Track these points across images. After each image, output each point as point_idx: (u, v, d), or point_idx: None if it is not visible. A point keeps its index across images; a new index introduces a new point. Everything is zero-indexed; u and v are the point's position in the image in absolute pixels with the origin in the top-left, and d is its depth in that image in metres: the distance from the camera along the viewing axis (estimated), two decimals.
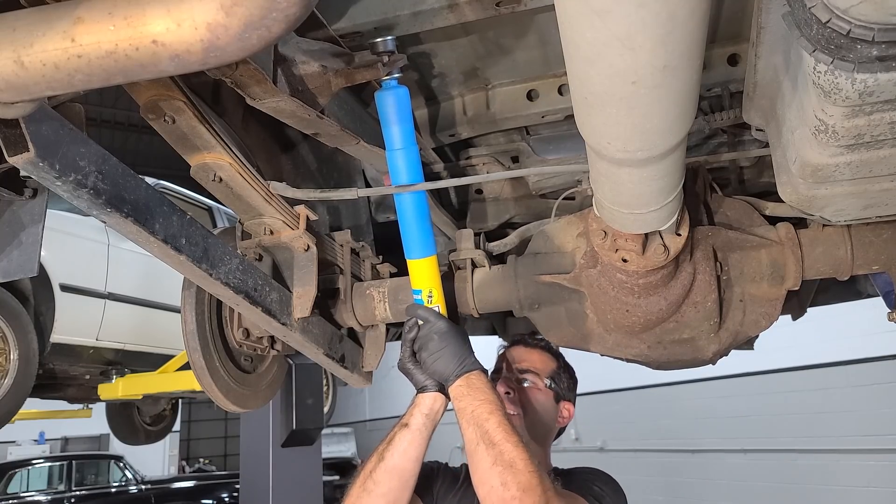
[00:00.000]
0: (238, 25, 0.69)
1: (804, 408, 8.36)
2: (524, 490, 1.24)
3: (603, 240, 1.39)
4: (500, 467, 1.28)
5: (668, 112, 0.87)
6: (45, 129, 0.92)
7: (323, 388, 5.64)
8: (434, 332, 1.45)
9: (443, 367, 1.43)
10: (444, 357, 1.43)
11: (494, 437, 1.31)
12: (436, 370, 1.44)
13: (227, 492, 9.07)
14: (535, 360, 1.73)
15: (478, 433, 1.33)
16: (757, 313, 1.60)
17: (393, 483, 1.41)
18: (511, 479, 1.26)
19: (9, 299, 4.06)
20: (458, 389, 1.40)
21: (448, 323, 1.48)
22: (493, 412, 1.34)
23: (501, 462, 1.28)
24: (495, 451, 1.29)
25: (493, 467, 1.28)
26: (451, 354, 1.42)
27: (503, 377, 1.69)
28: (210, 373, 1.62)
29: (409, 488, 1.44)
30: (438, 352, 1.43)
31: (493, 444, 1.30)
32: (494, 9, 1.27)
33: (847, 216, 1.28)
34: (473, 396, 1.37)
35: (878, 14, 0.69)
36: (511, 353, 1.76)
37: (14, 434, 12.75)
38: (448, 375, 1.42)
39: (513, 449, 1.29)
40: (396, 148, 1.46)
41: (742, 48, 1.53)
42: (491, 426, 1.32)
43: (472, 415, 1.35)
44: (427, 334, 1.46)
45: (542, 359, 1.74)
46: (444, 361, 1.43)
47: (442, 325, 1.46)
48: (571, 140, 1.91)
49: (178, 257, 1.22)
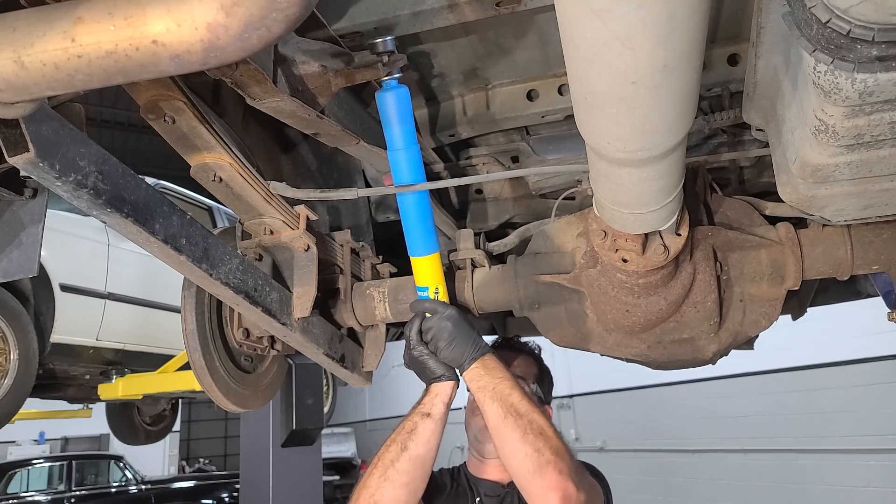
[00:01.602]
0: (238, 26, 0.69)
1: (804, 408, 8.37)
2: (558, 454, 1.32)
3: (603, 240, 1.39)
4: (531, 435, 1.34)
5: (668, 112, 0.87)
6: (45, 130, 0.92)
7: (323, 388, 5.65)
8: (447, 320, 1.49)
9: (459, 353, 1.47)
10: (459, 343, 1.47)
11: (521, 409, 1.37)
12: (452, 357, 1.48)
13: (227, 492, 9.07)
14: (521, 365, 1.77)
15: (503, 407, 1.38)
16: (757, 313, 1.60)
17: (416, 472, 1.44)
18: (544, 445, 1.33)
19: (9, 299, 4.06)
20: (475, 371, 1.45)
21: (458, 310, 1.52)
22: (514, 387, 1.41)
23: (532, 430, 1.35)
24: (524, 422, 1.36)
25: (525, 436, 1.35)
26: (465, 339, 1.47)
27: None
28: (210, 373, 1.62)
29: (427, 478, 1.48)
30: (454, 339, 1.47)
31: (520, 415, 1.36)
32: (494, 9, 1.27)
33: (847, 216, 1.28)
34: (492, 375, 1.43)
35: (877, 14, 0.69)
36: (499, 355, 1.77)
37: (14, 434, 12.74)
38: (464, 360, 1.46)
39: (540, 418, 1.37)
40: (398, 148, 1.46)
41: (742, 48, 1.54)
42: (515, 399, 1.39)
43: (493, 391, 1.41)
44: (440, 324, 1.49)
45: (527, 363, 1.79)
46: (460, 347, 1.47)
47: (453, 312, 1.50)
48: (571, 140, 1.91)
49: (178, 257, 1.22)
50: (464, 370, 1.46)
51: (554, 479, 1.30)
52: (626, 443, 10.51)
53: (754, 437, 8.87)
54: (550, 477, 1.30)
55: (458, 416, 1.69)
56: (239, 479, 5.74)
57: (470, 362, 1.45)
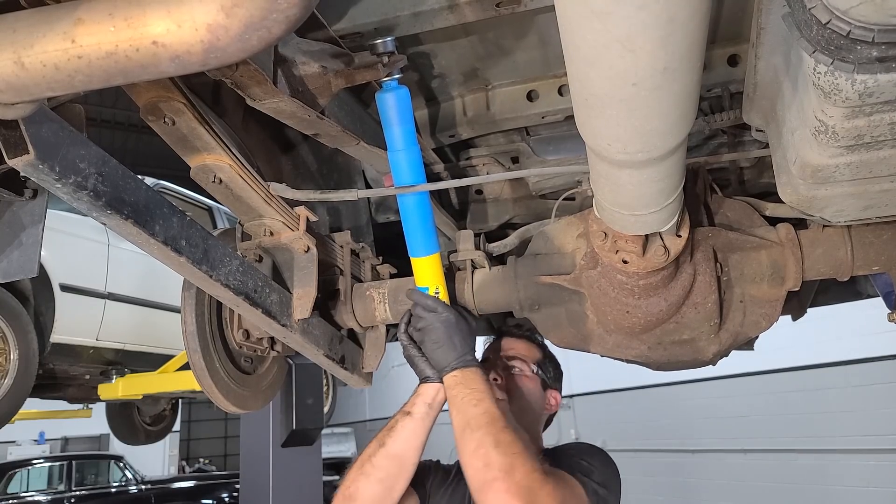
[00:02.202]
0: (238, 26, 0.69)
1: (804, 408, 8.37)
2: (506, 471, 1.27)
3: (603, 241, 1.39)
4: (483, 450, 1.31)
5: (669, 114, 0.87)
6: (45, 131, 0.92)
7: (323, 388, 5.65)
8: (440, 322, 1.48)
9: (441, 358, 1.46)
10: (444, 348, 1.46)
11: (480, 422, 1.35)
12: (435, 360, 1.48)
13: (227, 492, 9.07)
14: (521, 349, 1.77)
15: (464, 419, 1.37)
16: (757, 314, 1.60)
17: (392, 469, 1.45)
18: (493, 461, 1.29)
19: (9, 299, 4.07)
20: (453, 379, 1.44)
21: (457, 315, 1.51)
22: (482, 400, 1.39)
23: (484, 445, 1.32)
24: (479, 434, 1.33)
25: (476, 450, 1.32)
26: (453, 347, 1.46)
27: (490, 365, 1.73)
28: (210, 374, 1.62)
29: (406, 477, 1.47)
30: (440, 343, 1.47)
31: (478, 428, 1.34)
32: (494, 9, 1.27)
33: (847, 217, 1.28)
34: (465, 385, 1.42)
35: (878, 15, 0.69)
36: (497, 343, 1.81)
37: (14, 434, 12.75)
38: (445, 365, 1.46)
39: (498, 433, 1.33)
40: (398, 149, 1.46)
41: (742, 49, 1.53)
42: (477, 412, 1.37)
43: (461, 402, 1.40)
44: (432, 323, 1.49)
45: (527, 347, 1.78)
46: (444, 352, 1.46)
47: (450, 316, 1.50)
48: (571, 141, 1.91)
49: (178, 259, 1.22)
50: (443, 375, 1.46)
51: (497, 498, 1.26)
52: (626, 443, 10.51)
53: (754, 437, 8.87)
54: (494, 494, 1.26)
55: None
56: (239, 479, 5.74)
57: (450, 370, 1.45)
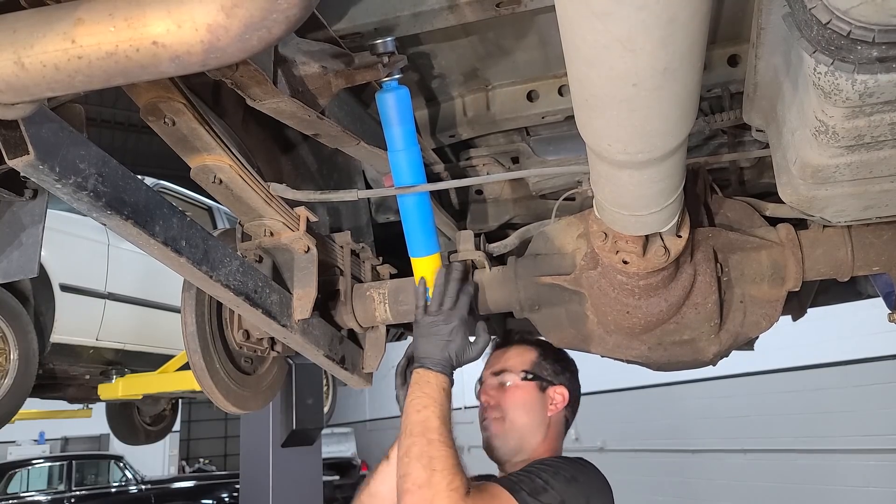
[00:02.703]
0: (238, 27, 0.69)
1: (804, 408, 8.37)
2: (418, 486, 1.27)
3: (603, 241, 1.38)
4: (406, 458, 1.32)
5: (669, 114, 0.87)
6: (45, 132, 0.92)
7: (323, 388, 5.65)
8: (445, 321, 1.47)
9: (421, 349, 1.47)
10: (432, 342, 1.47)
11: (414, 430, 1.35)
12: (417, 346, 1.49)
13: (227, 492, 9.07)
14: (508, 358, 1.72)
15: (405, 422, 1.38)
16: (757, 314, 1.60)
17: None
18: (411, 472, 1.29)
19: (9, 299, 4.06)
20: (416, 375, 1.45)
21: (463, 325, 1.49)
22: (426, 407, 1.38)
23: (409, 454, 1.32)
24: (408, 442, 1.34)
25: (402, 457, 1.33)
26: (435, 345, 1.46)
27: (483, 386, 1.71)
28: (210, 374, 1.62)
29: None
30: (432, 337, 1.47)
31: (410, 435, 1.35)
32: (495, 10, 1.27)
33: (847, 217, 1.28)
34: (420, 388, 1.42)
35: (878, 15, 0.69)
36: (490, 359, 1.77)
37: (14, 434, 12.76)
38: (419, 358, 1.47)
39: (425, 444, 1.32)
40: (398, 149, 1.46)
41: (742, 49, 1.53)
42: (416, 419, 1.37)
43: (409, 403, 1.40)
44: (437, 320, 1.48)
45: (516, 354, 1.73)
46: (427, 346, 1.46)
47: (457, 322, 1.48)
48: (571, 141, 1.91)
49: (178, 259, 1.22)
50: (412, 367, 1.48)
51: None
52: (626, 443, 10.51)
53: (754, 437, 8.87)
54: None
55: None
56: (239, 479, 5.74)
57: (418, 366, 1.45)
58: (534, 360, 1.71)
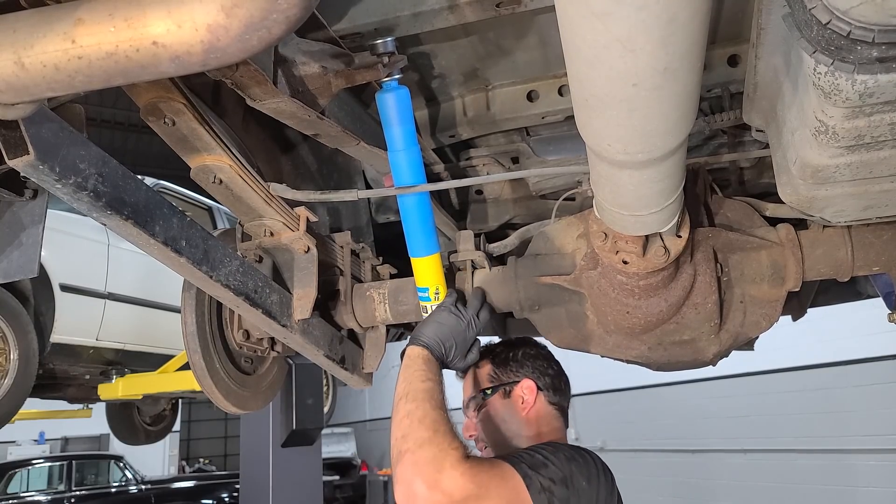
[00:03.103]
0: (238, 27, 0.69)
1: (804, 408, 8.37)
2: (419, 445, 1.24)
3: (603, 241, 1.38)
4: (408, 420, 1.30)
5: (669, 114, 0.87)
6: (45, 132, 0.92)
7: (323, 388, 5.65)
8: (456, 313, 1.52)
9: (421, 329, 1.49)
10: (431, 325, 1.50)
11: (418, 396, 1.34)
12: (425, 327, 1.50)
13: (227, 492, 9.07)
14: (467, 387, 1.67)
15: (407, 389, 1.37)
16: (757, 314, 1.60)
17: None
18: (412, 433, 1.27)
19: (9, 299, 4.06)
20: (416, 351, 1.45)
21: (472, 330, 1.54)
22: (429, 380, 1.38)
23: (412, 416, 1.30)
24: (412, 406, 1.32)
25: (402, 419, 1.31)
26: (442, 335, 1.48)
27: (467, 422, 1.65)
28: (210, 374, 1.62)
29: None
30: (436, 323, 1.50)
31: (413, 400, 1.33)
32: (495, 10, 1.27)
33: (847, 217, 1.28)
34: (424, 363, 1.42)
35: (878, 15, 0.69)
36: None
37: (14, 434, 12.75)
38: (425, 337, 1.47)
39: (430, 409, 1.31)
40: (399, 149, 1.46)
41: (742, 49, 1.53)
42: (422, 387, 1.36)
43: (411, 374, 1.40)
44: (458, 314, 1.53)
45: (470, 377, 1.66)
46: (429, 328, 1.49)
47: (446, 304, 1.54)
48: (571, 141, 1.91)
49: (178, 259, 1.22)
50: (409, 344, 1.48)
51: (404, 471, 1.22)
52: (626, 443, 10.51)
53: (754, 437, 8.87)
54: (402, 467, 1.23)
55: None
56: (239, 479, 5.74)
57: (420, 344, 1.46)
58: (488, 373, 1.63)
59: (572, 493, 1.31)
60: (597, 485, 1.37)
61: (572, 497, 1.30)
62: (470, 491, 1.19)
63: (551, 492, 1.27)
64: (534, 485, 1.27)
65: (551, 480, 1.29)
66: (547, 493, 1.27)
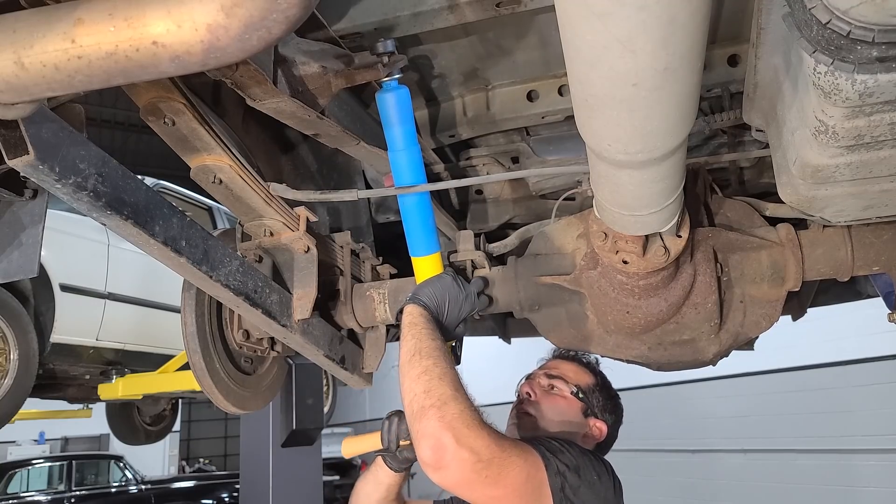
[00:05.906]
0: (238, 26, 0.69)
1: (804, 408, 8.37)
2: (444, 401, 1.20)
3: (603, 241, 1.38)
4: (427, 376, 1.24)
5: (669, 114, 0.87)
6: (45, 132, 0.92)
7: (323, 388, 5.65)
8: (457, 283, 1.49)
9: (421, 289, 1.46)
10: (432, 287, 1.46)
11: (432, 353, 1.29)
12: (427, 286, 1.47)
13: (227, 492, 9.07)
14: (566, 370, 1.68)
15: (417, 346, 1.31)
16: (757, 314, 1.60)
17: None
18: (435, 389, 1.22)
19: (9, 299, 4.06)
20: (416, 309, 1.40)
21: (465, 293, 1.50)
22: (437, 338, 1.34)
23: (430, 373, 1.25)
24: (429, 363, 1.27)
25: (420, 375, 1.25)
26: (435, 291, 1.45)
27: (531, 380, 1.67)
28: (210, 375, 1.62)
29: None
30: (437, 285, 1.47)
31: (429, 357, 1.28)
32: (495, 10, 1.27)
33: (847, 217, 1.28)
34: (428, 322, 1.38)
35: (878, 15, 0.69)
36: (547, 363, 1.74)
37: (14, 434, 12.76)
38: (418, 294, 1.44)
39: (446, 367, 1.27)
40: (399, 149, 1.46)
41: (742, 49, 1.53)
42: (433, 345, 1.31)
43: (419, 331, 1.34)
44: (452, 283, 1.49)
45: (575, 370, 1.68)
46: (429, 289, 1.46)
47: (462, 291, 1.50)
48: (571, 141, 1.91)
49: (178, 259, 1.22)
50: (407, 302, 1.43)
51: (430, 426, 1.17)
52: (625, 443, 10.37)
53: (754, 437, 8.87)
54: (427, 421, 1.18)
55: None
56: (239, 479, 5.74)
57: (421, 303, 1.42)
58: (589, 384, 1.66)
59: (583, 482, 1.32)
60: (608, 483, 1.39)
61: (583, 486, 1.32)
62: (495, 453, 1.19)
63: (565, 476, 1.29)
64: (551, 466, 1.29)
65: (566, 466, 1.31)
66: (561, 476, 1.29)
